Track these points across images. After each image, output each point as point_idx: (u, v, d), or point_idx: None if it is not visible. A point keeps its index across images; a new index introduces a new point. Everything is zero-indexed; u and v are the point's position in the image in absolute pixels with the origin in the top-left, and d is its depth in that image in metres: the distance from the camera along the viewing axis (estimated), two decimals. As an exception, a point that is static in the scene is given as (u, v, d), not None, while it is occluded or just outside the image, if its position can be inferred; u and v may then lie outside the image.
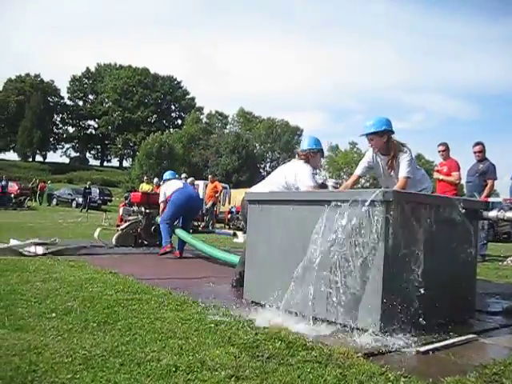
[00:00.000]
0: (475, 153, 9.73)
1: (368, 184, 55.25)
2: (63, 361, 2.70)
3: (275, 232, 4.39)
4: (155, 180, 18.07)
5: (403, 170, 4.88)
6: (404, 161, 4.88)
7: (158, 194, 9.38)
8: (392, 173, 5.04)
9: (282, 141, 73.66)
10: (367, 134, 4.99)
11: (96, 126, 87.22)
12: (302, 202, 4.20)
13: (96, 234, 9.34)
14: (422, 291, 3.71)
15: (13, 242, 8.58)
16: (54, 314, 3.72)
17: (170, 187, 8.80)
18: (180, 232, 8.48)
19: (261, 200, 4.70)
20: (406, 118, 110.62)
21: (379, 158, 5.15)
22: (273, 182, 5.30)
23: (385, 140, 4.95)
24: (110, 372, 2.56)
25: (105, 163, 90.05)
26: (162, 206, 8.84)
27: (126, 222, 10.08)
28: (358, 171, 5.38)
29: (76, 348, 2.93)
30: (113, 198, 41.42)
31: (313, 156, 5.42)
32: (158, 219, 9.03)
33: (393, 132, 5.01)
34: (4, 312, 3.71)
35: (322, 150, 5.57)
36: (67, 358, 2.75)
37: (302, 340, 3.27)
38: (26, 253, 7.40)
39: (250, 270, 4.69)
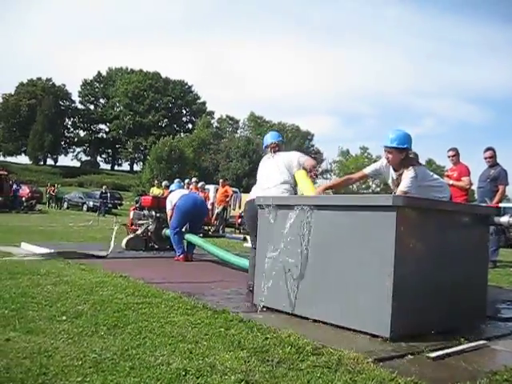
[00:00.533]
0: (486, 158, 9.69)
1: (378, 189, 55.17)
2: (73, 364, 2.71)
3: (285, 237, 4.38)
4: (164, 183, 18.02)
5: (402, 185, 4.87)
6: (406, 178, 4.86)
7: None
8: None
9: (292, 145, 73.45)
10: (387, 147, 4.98)
11: (107, 129, 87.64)
12: (315, 207, 4.18)
13: (123, 244, 9.55)
14: (433, 297, 3.71)
15: (24, 246, 8.66)
16: (64, 317, 3.74)
17: (176, 195, 9.01)
18: (190, 236, 8.53)
19: (270, 204, 4.70)
20: (417, 122, 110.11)
21: (391, 171, 5.14)
22: (275, 183, 5.37)
23: (402, 157, 4.93)
24: (120, 375, 2.57)
25: (115, 167, 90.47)
26: (169, 213, 8.95)
27: (136, 226, 10.13)
28: (367, 170, 5.41)
29: (86, 351, 2.94)
30: (123, 202, 41.53)
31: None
32: (167, 232, 9.18)
33: (411, 149, 4.99)
34: (15, 315, 3.73)
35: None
36: (77, 361, 2.76)
37: (311, 345, 3.26)
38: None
39: (260, 274, 4.68)
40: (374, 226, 3.61)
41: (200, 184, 19.16)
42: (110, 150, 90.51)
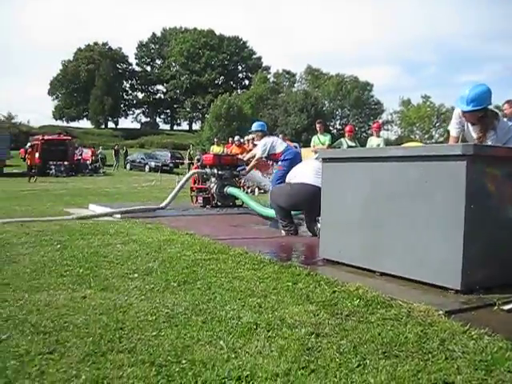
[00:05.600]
0: None
1: (442, 139, 53.67)
2: (148, 319, 2.81)
3: (351, 190, 4.34)
4: (236, 138, 17.55)
5: None
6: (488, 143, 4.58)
7: (230, 155, 9.47)
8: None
9: (351, 97, 72.13)
10: (464, 112, 4.66)
11: (164, 90, 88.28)
12: (380, 159, 4.11)
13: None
14: (506, 248, 3.60)
15: (92, 207, 8.92)
16: (136, 275, 3.86)
17: (277, 144, 8.38)
18: (233, 190, 8.74)
19: (335, 158, 4.65)
20: (481, 68, 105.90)
21: (469, 125, 4.84)
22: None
23: (480, 115, 4.63)
24: (193, 329, 2.64)
25: (174, 127, 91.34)
26: (255, 161, 8.55)
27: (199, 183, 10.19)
28: (454, 132, 5.04)
29: (159, 307, 3.03)
30: (184, 161, 42.02)
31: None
32: (230, 189, 9.14)
33: (490, 104, 4.67)
34: (89, 273, 3.87)
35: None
36: (151, 316, 2.86)
37: (380, 298, 3.24)
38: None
39: (325, 228, 4.67)
40: (443, 176, 3.50)
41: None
42: (168, 111, 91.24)
